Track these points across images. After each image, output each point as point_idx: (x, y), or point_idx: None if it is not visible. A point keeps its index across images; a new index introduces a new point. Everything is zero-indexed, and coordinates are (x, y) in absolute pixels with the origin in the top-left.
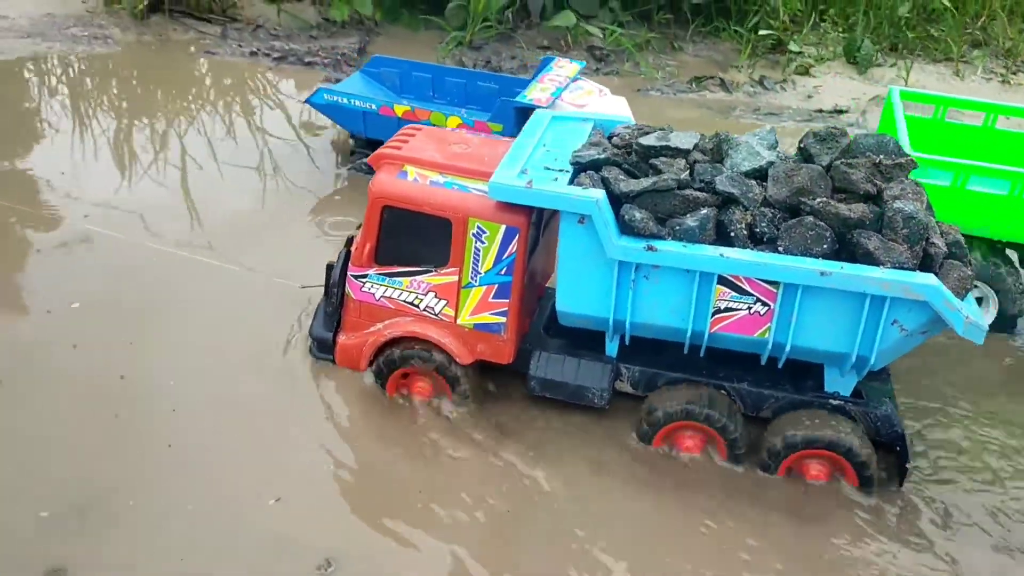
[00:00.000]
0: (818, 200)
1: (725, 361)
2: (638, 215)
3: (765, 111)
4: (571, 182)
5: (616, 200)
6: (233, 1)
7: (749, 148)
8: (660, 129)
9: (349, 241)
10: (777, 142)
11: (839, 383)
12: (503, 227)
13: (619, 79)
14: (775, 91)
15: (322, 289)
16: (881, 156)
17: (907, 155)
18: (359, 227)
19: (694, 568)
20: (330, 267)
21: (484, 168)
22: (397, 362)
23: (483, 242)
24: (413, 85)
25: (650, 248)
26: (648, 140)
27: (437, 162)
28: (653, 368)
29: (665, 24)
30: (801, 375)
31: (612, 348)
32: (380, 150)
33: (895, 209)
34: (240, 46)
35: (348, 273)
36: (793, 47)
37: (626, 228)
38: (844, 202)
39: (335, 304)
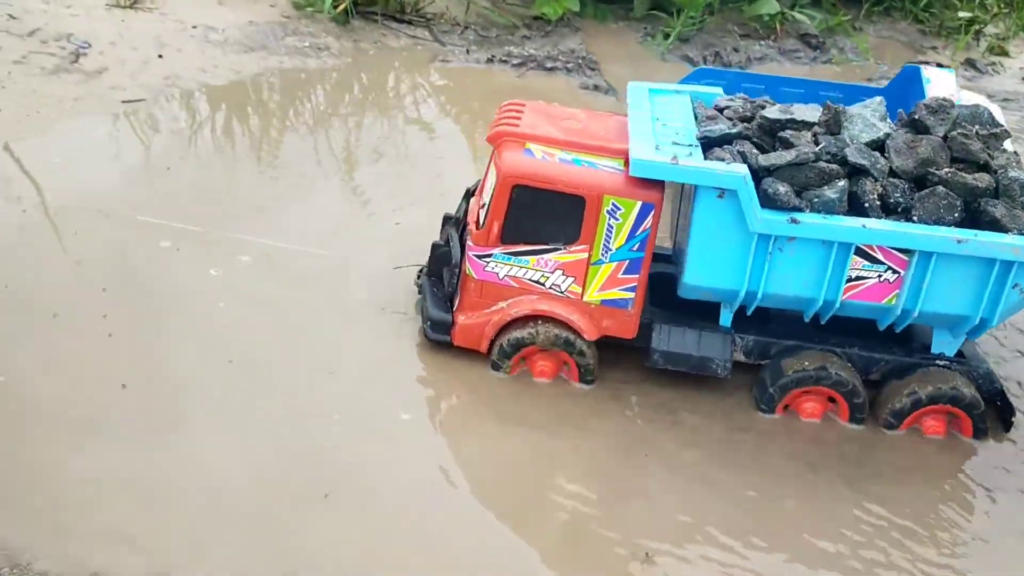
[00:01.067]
0: (945, 170)
1: (831, 328)
2: (781, 188)
3: (1000, 97)
4: (706, 157)
5: (753, 173)
6: (428, 1)
7: (864, 120)
8: (765, 100)
9: (448, 219)
10: (887, 113)
11: (945, 345)
12: (639, 203)
13: (840, 69)
14: (989, 74)
15: (422, 269)
16: (977, 127)
17: (1001, 125)
18: (458, 208)
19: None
20: (436, 246)
21: (605, 144)
22: (525, 341)
23: (617, 219)
24: None
25: (793, 220)
26: (772, 113)
27: (558, 139)
28: (767, 337)
29: (833, 5)
30: (901, 339)
31: (727, 319)
32: (497, 128)
33: (1011, 178)
34: (469, 52)
35: (469, 253)
36: (991, 28)
37: (767, 201)
38: (963, 171)
39: (453, 283)
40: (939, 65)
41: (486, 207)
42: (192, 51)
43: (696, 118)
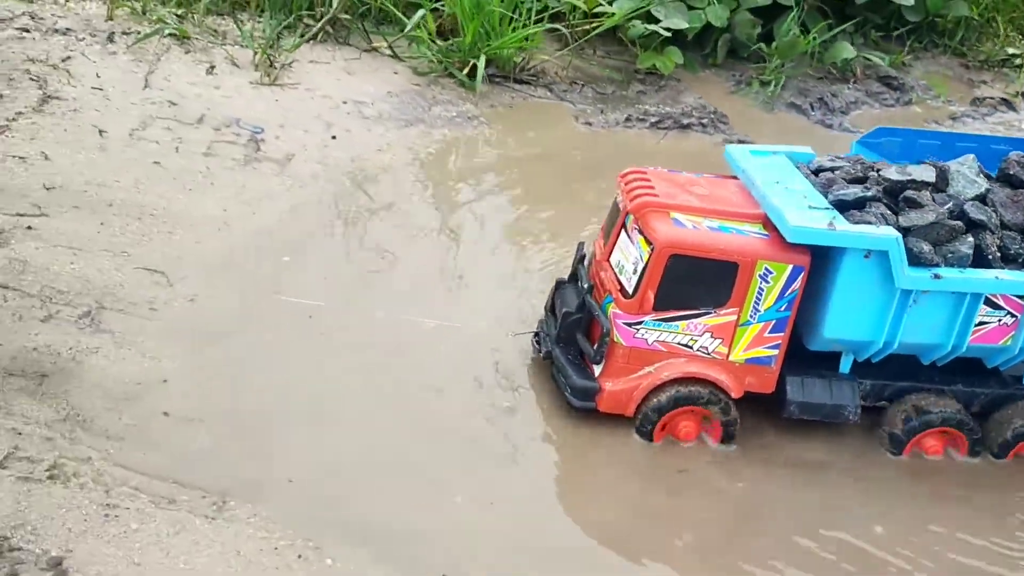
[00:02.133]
0: None
1: (934, 367)
2: (925, 248)
3: None
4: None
5: None
6: (539, 61)
7: (965, 177)
8: (859, 157)
9: (562, 284)
10: (980, 168)
11: None
12: (790, 267)
13: (920, 109)
14: None
15: (536, 334)
16: None
17: None
18: (571, 272)
19: None
20: (567, 315)
21: (740, 210)
22: (674, 403)
23: (768, 282)
24: (916, 153)
25: (936, 276)
26: (892, 175)
27: (699, 207)
28: (882, 380)
29: (875, 43)
30: (991, 372)
31: (847, 366)
32: (640, 199)
33: None
34: (603, 112)
35: (617, 321)
36: None
37: (912, 259)
38: None
39: (602, 351)
40: None
41: (638, 275)
42: (359, 129)
43: (808, 179)
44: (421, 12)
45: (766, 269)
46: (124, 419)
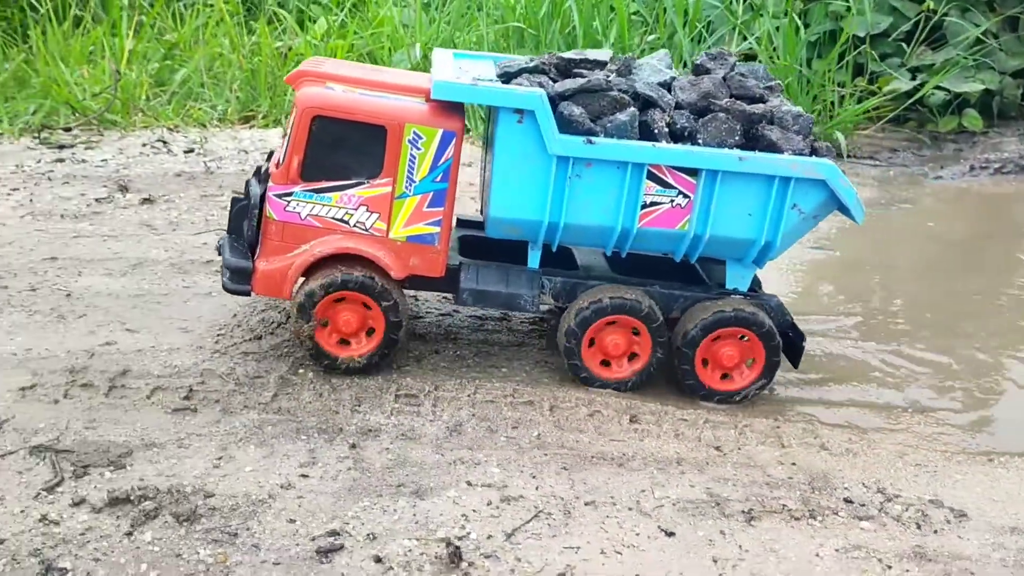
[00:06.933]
0: (724, 100)
1: (632, 272)
2: (576, 110)
3: None
4: None
5: (551, 101)
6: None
7: (652, 67)
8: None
9: (257, 172)
10: (672, 64)
11: (738, 280)
12: (440, 131)
13: None
14: None
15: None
16: (753, 78)
17: (776, 79)
18: (270, 153)
19: None
20: (235, 200)
21: (409, 84)
22: (331, 287)
23: (419, 148)
24: None
25: (589, 141)
26: (567, 54)
27: (363, 79)
28: (574, 278)
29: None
30: (699, 282)
31: (535, 260)
32: (299, 70)
33: (783, 110)
34: (943, 166)
35: (269, 193)
36: None
37: (564, 125)
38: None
39: (253, 227)
40: None
41: (286, 142)
42: None
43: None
44: None
45: (415, 134)
46: None
